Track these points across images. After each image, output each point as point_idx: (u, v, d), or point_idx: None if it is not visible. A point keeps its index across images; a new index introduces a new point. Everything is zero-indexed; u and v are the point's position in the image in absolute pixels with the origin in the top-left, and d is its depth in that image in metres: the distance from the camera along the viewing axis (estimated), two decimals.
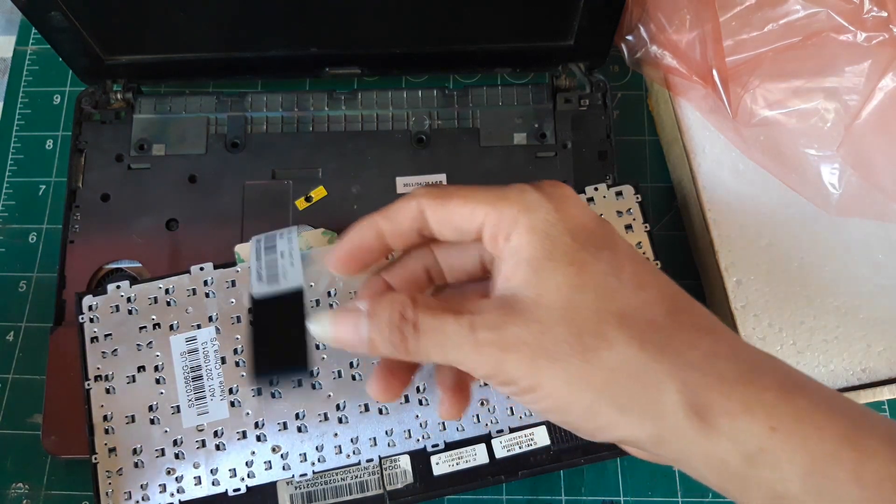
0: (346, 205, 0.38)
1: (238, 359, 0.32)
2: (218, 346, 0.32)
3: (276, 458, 0.31)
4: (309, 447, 0.31)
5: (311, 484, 0.31)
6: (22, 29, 0.46)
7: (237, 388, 0.32)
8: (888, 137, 0.35)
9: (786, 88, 0.37)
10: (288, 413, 0.32)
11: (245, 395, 0.32)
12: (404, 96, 0.40)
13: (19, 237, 0.41)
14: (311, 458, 0.31)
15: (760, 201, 0.37)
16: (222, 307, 0.33)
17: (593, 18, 0.37)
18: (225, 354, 0.32)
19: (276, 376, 0.30)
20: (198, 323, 0.33)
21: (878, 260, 0.37)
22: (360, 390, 0.32)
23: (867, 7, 0.34)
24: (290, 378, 0.31)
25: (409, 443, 0.32)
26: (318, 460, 0.31)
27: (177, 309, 0.33)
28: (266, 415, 0.32)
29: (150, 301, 0.34)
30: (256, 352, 0.26)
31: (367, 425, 0.32)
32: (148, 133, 0.40)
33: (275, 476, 0.31)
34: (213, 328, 0.33)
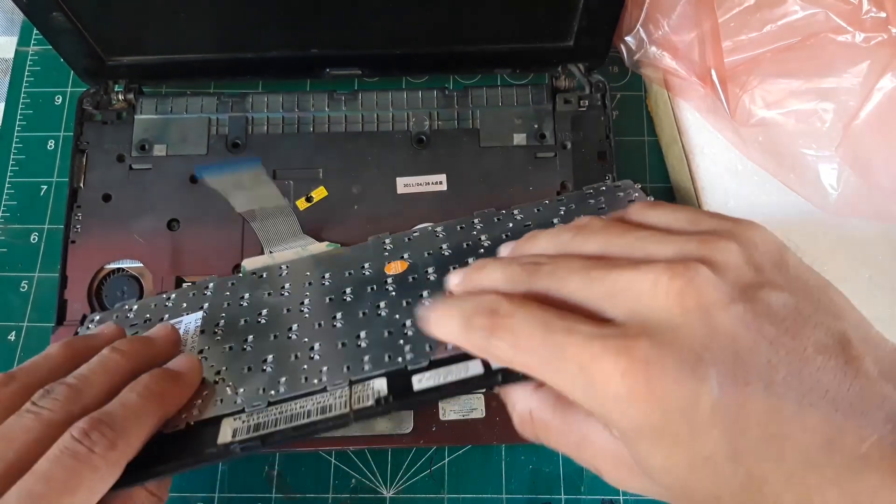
0: (347, 205, 0.38)
1: (217, 329, 0.31)
2: (200, 322, 0.32)
3: (228, 395, 0.27)
4: (268, 381, 0.28)
5: (263, 415, 0.26)
6: (24, 30, 0.46)
7: (207, 349, 0.30)
8: (886, 138, 0.35)
9: (784, 89, 0.37)
10: (254, 359, 0.29)
11: (214, 353, 0.30)
12: (404, 97, 0.40)
13: (21, 237, 0.42)
14: (268, 389, 0.27)
15: (759, 201, 0.38)
16: (215, 301, 0.33)
17: (592, 19, 0.37)
18: (205, 328, 0.32)
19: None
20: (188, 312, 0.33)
21: (876, 260, 0.37)
22: (339, 333, 0.29)
23: (865, 8, 0.35)
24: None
25: (387, 364, 0.27)
26: (275, 391, 0.27)
27: (173, 308, 0.34)
28: (230, 365, 0.29)
29: (153, 310, 0.34)
30: None
31: (339, 357, 0.28)
32: (149, 133, 0.40)
33: (223, 410, 0.27)
34: (201, 313, 0.32)
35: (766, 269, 0.21)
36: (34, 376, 0.25)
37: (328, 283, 0.32)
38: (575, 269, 0.22)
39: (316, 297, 0.31)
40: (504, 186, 0.39)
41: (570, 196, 0.36)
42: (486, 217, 0.35)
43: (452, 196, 0.38)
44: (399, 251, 0.33)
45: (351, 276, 0.32)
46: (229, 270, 0.37)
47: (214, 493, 0.36)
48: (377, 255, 0.33)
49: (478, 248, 0.32)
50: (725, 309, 0.19)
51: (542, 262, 0.23)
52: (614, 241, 0.23)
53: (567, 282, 0.21)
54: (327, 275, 0.33)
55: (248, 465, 0.37)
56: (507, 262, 0.24)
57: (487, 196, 0.38)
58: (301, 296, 0.32)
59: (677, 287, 0.19)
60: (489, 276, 0.24)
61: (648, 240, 0.22)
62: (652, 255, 0.21)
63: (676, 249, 0.21)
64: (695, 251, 0.21)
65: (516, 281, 0.23)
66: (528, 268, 0.23)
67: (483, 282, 0.24)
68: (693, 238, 0.21)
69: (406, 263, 0.32)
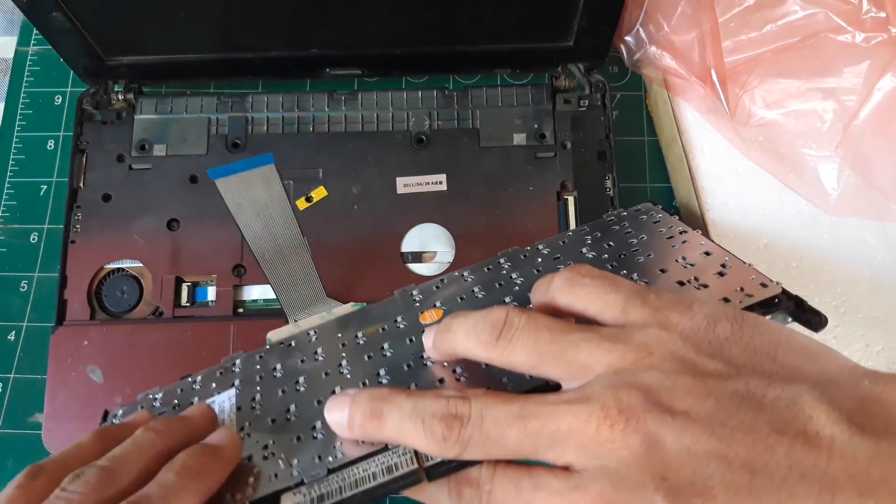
0: (347, 205, 0.38)
1: (254, 404, 0.29)
2: (234, 399, 0.30)
3: (282, 468, 0.25)
4: (322, 448, 0.26)
5: (325, 484, 0.24)
6: (23, 29, 0.46)
7: (249, 425, 0.28)
8: (886, 137, 0.35)
9: (784, 89, 0.37)
10: (302, 428, 0.27)
11: (257, 429, 0.28)
12: (404, 97, 0.40)
13: (21, 237, 0.42)
14: (325, 456, 0.25)
15: (759, 201, 0.38)
16: (245, 376, 0.31)
17: (592, 19, 0.37)
18: (241, 404, 0.29)
19: None
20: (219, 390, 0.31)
21: (876, 260, 0.37)
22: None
23: (865, 8, 0.35)
24: None
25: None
26: (333, 458, 0.25)
27: (201, 391, 0.32)
28: (277, 438, 0.27)
29: (181, 395, 0.32)
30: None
31: None
32: (149, 133, 0.40)
33: (279, 485, 0.25)
34: (233, 390, 0.30)
35: (703, 361, 0.20)
36: (65, 466, 0.23)
37: (363, 342, 0.30)
38: (506, 422, 0.21)
39: (354, 357, 0.30)
40: (504, 186, 0.39)
41: (594, 225, 0.35)
42: (511, 256, 0.34)
43: (452, 196, 0.38)
44: (430, 300, 0.32)
45: (385, 331, 0.31)
46: (230, 270, 0.37)
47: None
48: (408, 308, 0.32)
49: (511, 286, 0.31)
50: (671, 429, 0.19)
51: (461, 413, 0.21)
52: (544, 349, 0.22)
53: (505, 441, 0.21)
54: (359, 333, 0.31)
55: None
56: (426, 424, 0.22)
57: (487, 196, 0.38)
58: (337, 358, 0.30)
59: (619, 429, 0.19)
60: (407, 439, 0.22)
61: (581, 346, 0.22)
62: (586, 369, 0.21)
63: (610, 363, 0.21)
64: (627, 367, 0.21)
65: (449, 451, 0.22)
66: (452, 442, 0.21)
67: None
68: (622, 347, 0.21)
69: (441, 311, 0.31)
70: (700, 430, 0.19)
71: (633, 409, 0.19)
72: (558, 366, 0.22)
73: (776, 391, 0.19)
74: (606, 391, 0.20)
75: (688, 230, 0.32)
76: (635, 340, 0.21)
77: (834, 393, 0.19)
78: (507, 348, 0.22)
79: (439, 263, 0.38)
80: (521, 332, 0.22)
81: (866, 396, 0.19)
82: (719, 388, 0.20)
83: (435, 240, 0.38)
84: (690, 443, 0.19)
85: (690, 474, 0.18)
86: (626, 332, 0.22)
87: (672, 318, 0.22)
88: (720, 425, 0.19)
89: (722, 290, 0.26)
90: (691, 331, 0.21)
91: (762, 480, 0.18)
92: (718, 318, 0.21)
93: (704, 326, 0.21)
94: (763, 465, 0.18)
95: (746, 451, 0.18)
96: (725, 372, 0.20)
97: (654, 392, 0.20)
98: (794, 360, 0.20)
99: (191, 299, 0.38)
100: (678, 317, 0.22)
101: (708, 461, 0.18)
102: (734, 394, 0.19)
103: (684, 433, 0.19)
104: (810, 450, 0.18)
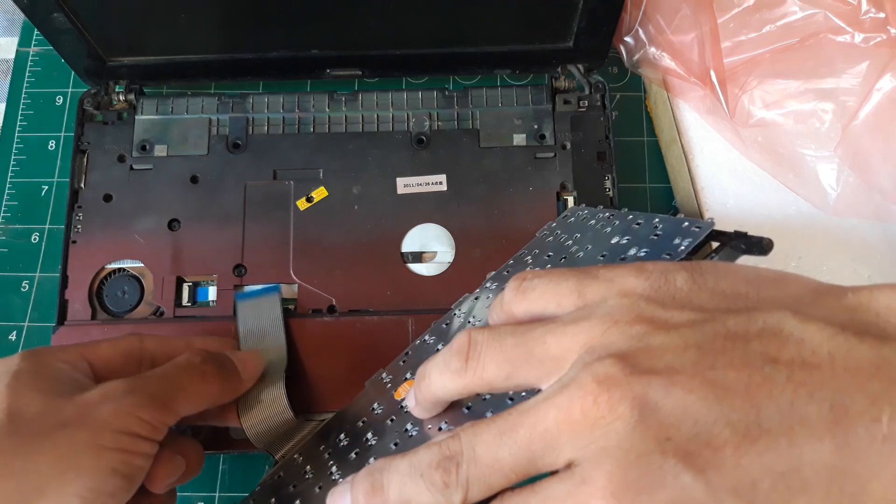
0: (347, 205, 0.38)
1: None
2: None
3: None
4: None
5: None
6: (24, 30, 0.46)
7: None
8: (885, 138, 0.35)
9: (783, 89, 0.37)
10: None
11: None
12: (404, 97, 0.40)
13: (22, 237, 0.42)
14: None
15: (758, 202, 0.38)
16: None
17: (592, 20, 0.37)
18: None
19: None
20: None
21: (876, 260, 0.37)
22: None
23: (864, 8, 0.35)
24: None
25: None
26: None
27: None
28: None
29: None
30: None
31: None
32: (150, 134, 0.40)
33: None
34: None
35: (672, 315, 0.20)
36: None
37: (346, 443, 0.30)
38: (496, 444, 0.20)
39: (341, 459, 0.30)
40: (504, 187, 0.39)
41: (531, 244, 0.35)
42: (462, 302, 0.33)
43: (452, 196, 0.39)
44: (399, 376, 0.32)
45: (364, 424, 0.30)
46: (230, 270, 0.37)
47: (215, 492, 0.37)
48: (381, 393, 0.31)
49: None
50: (660, 388, 0.18)
51: (454, 452, 0.20)
52: (512, 354, 0.21)
53: (502, 464, 0.19)
54: (342, 436, 0.31)
55: (248, 464, 0.37)
56: (425, 478, 0.20)
57: (487, 196, 0.38)
58: (326, 468, 0.30)
59: (605, 402, 0.18)
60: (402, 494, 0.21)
61: (547, 339, 0.21)
62: (559, 360, 0.20)
63: (580, 345, 0.20)
64: (597, 342, 0.20)
65: (455, 498, 0.20)
66: (454, 487, 0.20)
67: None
68: (587, 325, 0.20)
69: (412, 381, 0.30)
70: (689, 380, 0.18)
71: (612, 377, 0.18)
72: (531, 367, 0.21)
73: (758, 323, 0.18)
74: (581, 371, 0.19)
75: (614, 212, 0.31)
76: (597, 314, 0.20)
77: (819, 311, 0.19)
78: (479, 367, 0.22)
79: (439, 263, 0.38)
80: (486, 346, 0.22)
81: (854, 307, 0.19)
82: (697, 335, 0.19)
83: (435, 240, 0.38)
84: (683, 396, 0.18)
85: (693, 427, 0.17)
86: (586, 310, 0.21)
87: (628, 283, 0.21)
88: (709, 369, 0.18)
89: (663, 249, 0.26)
90: (651, 289, 0.20)
91: (769, 413, 0.17)
92: (675, 271, 0.21)
93: (664, 282, 0.21)
94: (767, 397, 0.17)
95: (745, 388, 0.17)
96: (699, 319, 0.19)
97: (629, 357, 0.19)
98: (765, 292, 0.20)
99: (192, 299, 0.38)
100: (634, 280, 0.21)
101: (708, 409, 0.17)
102: (715, 336, 0.18)
103: (674, 388, 0.18)
104: (811, 370, 0.17)
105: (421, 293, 0.37)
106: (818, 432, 0.17)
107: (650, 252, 0.26)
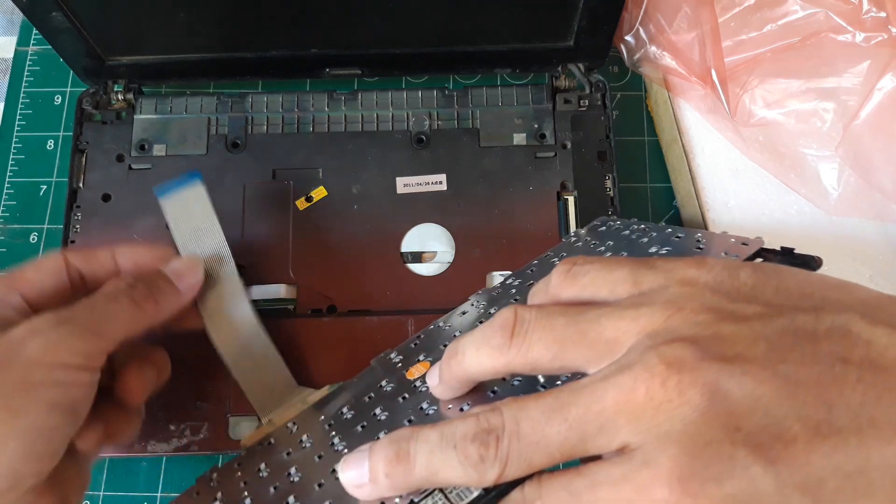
0: (347, 205, 0.38)
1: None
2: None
3: None
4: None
5: None
6: (23, 29, 0.46)
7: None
8: (886, 137, 0.35)
9: (784, 88, 0.37)
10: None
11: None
12: (404, 97, 0.40)
13: (20, 237, 0.42)
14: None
15: (759, 201, 0.38)
16: (227, 488, 0.29)
17: (593, 19, 0.37)
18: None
19: None
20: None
21: (876, 260, 0.37)
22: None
23: (866, 7, 0.35)
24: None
25: None
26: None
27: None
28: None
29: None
30: None
31: None
32: (149, 133, 0.40)
33: None
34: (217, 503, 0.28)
35: (739, 307, 0.19)
36: None
37: (350, 416, 0.28)
38: (544, 420, 0.19)
39: (345, 431, 0.28)
40: (504, 186, 0.38)
41: (557, 248, 0.34)
42: (482, 296, 0.32)
43: (452, 196, 0.38)
44: (411, 358, 0.30)
45: (372, 399, 0.29)
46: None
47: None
48: (390, 372, 0.30)
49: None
50: (731, 376, 0.17)
51: (494, 426, 0.19)
52: (563, 333, 0.20)
53: (548, 442, 0.18)
54: (345, 408, 0.29)
55: None
56: (458, 449, 0.19)
57: (487, 196, 0.38)
58: (327, 438, 0.28)
59: (673, 385, 0.17)
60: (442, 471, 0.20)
61: (603, 321, 0.20)
62: (615, 343, 0.19)
63: (640, 329, 0.19)
64: (661, 326, 0.19)
65: (489, 474, 0.19)
66: (491, 462, 0.19)
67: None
68: (647, 310, 0.19)
69: (427, 363, 0.29)
70: (761, 371, 0.17)
71: (684, 361, 0.17)
72: (582, 349, 0.20)
73: (826, 322, 0.18)
74: (647, 353, 0.18)
75: (650, 224, 0.31)
76: (659, 301, 0.19)
77: (884, 316, 0.18)
78: (524, 345, 0.20)
79: (439, 263, 0.38)
80: (534, 323, 0.21)
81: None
82: (766, 329, 0.18)
83: (435, 240, 0.38)
84: (754, 386, 0.17)
85: (763, 418, 0.17)
86: (646, 296, 0.20)
87: (689, 273, 0.20)
88: (781, 363, 0.17)
89: None
90: (715, 282, 0.20)
91: (840, 411, 0.17)
92: (738, 267, 0.20)
93: (727, 276, 0.20)
94: (838, 396, 0.17)
95: (816, 385, 0.17)
96: (767, 313, 0.19)
97: (699, 342, 0.18)
98: (830, 294, 0.20)
99: None
100: (696, 271, 0.20)
101: (779, 402, 0.17)
102: (784, 331, 0.18)
103: (745, 377, 0.17)
104: (879, 372, 0.17)
105: (421, 293, 0.37)
106: (886, 435, 0.16)
107: None
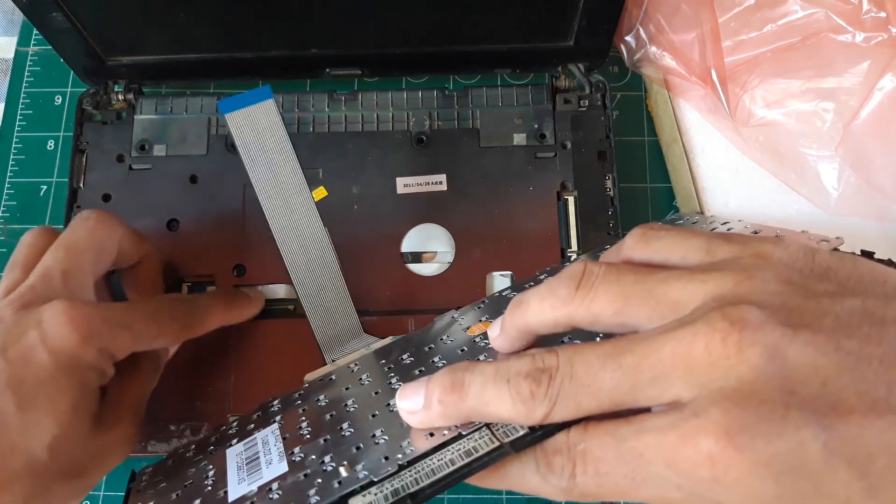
0: (347, 205, 0.38)
1: (300, 432, 0.28)
2: (278, 431, 0.28)
3: (345, 475, 0.24)
4: (388, 449, 0.24)
5: (398, 479, 0.23)
6: (23, 30, 0.46)
7: (298, 449, 0.26)
8: (886, 137, 0.35)
9: (784, 88, 0.37)
10: (361, 438, 0.25)
11: (309, 449, 0.26)
12: (404, 97, 0.40)
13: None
14: (393, 455, 0.23)
15: (760, 201, 0.38)
16: (286, 413, 0.30)
17: (593, 19, 0.37)
18: (286, 434, 0.28)
19: None
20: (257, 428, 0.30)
21: None
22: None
23: (866, 7, 0.35)
24: None
25: None
26: (402, 455, 0.23)
27: (238, 433, 0.30)
28: (335, 451, 0.25)
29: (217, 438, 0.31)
30: None
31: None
32: (149, 133, 0.40)
33: (345, 489, 0.23)
34: (275, 425, 0.29)
35: (811, 283, 0.19)
36: None
37: (410, 362, 0.29)
38: (598, 364, 0.19)
39: (404, 374, 0.28)
40: (504, 186, 0.38)
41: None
42: (545, 272, 0.34)
43: (452, 196, 0.38)
44: (475, 318, 0.31)
45: (432, 349, 0.29)
46: (229, 270, 0.37)
47: None
48: (451, 327, 0.31)
49: None
50: (792, 342, 0.17)
51: (549, 365, 0.20)
52: (629, 289, 0.20)
53: (599, 386, 0.19)
54: (405, 355, 0.30)
55: None
56: (511, 384, 0.20)
57: (487, 196, 0.38)
58: (385, 378, 0.29)
59: (734, 343, 0.17)
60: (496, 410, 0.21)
61: (671, 282, 0.20)
62: (679, 304, 0.19)
63: (707, 293, 0.19)
64: (729, 291, 0.19)
65: (537, 411, 0.20)
66: (541, 399, 0.19)
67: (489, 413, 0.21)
68: (717, 275, 0.19)
69: (489, 323, 0.28)
70: (825, 344, 0.17)
71: (747, 320, 0.18)
72: (647, 306, 0.20)
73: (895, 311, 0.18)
74: (711, 311, 0.18)
75: (729, 220, 0.31)
76: (731, 269, 0.19)
77: None
78: (588, 296, 0.20)
79: (439, 263, 0.38)
80: (602, 277, 0.21)
81: None
82: (836, 306, 0.18)
83: (435, 240, 0.38)
84: (816, 356, 0.17)
85: (820, 387, 0.17)
86: (719, 264, 0.20)
87: (766, 249, 0.20)
88: (846, 338, 0.17)
89: None
90: (790, 258, 0.20)
91: (894, 394, 0.17)
92: (815, 250, 0.20)
93: (802, 255, 0.20)
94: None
95: (879, 364, 0.17)
96: (838, 292, 0.19)
97: (766, 307, 0.18)
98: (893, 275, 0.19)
99: None
100: (772, 247, 0.20)
101: (839, 374, 0.17)
102: (853, 311, 0.18)
103: (808, 346, 0.17)
104: None
105: (421, 293, 0.37)
106: None
107: None
